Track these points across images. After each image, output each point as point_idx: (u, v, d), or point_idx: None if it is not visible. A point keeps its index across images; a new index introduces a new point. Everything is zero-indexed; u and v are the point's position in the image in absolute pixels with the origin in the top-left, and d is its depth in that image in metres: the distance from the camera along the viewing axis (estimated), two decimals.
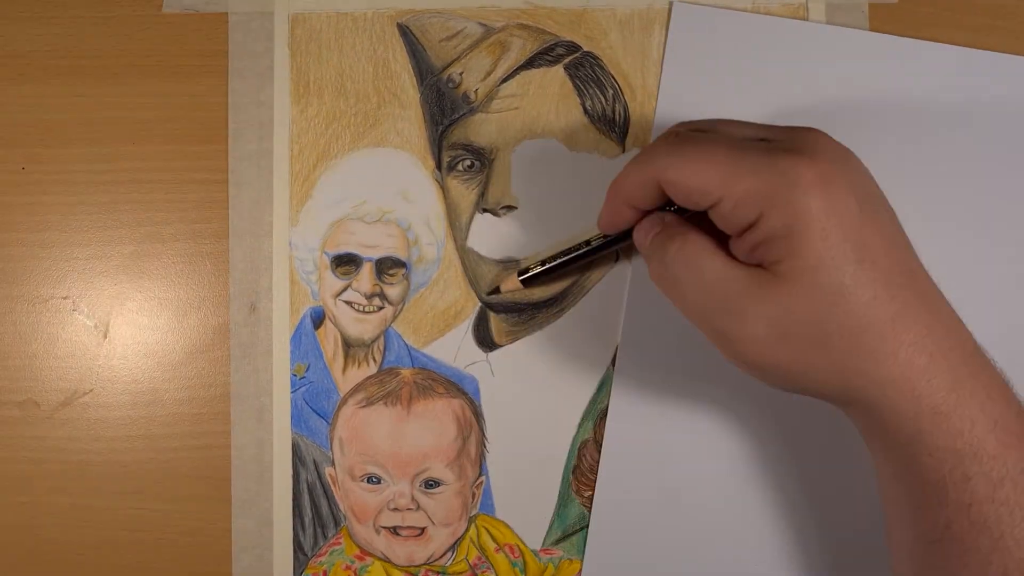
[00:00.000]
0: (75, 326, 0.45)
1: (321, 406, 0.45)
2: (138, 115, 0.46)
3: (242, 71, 0.45)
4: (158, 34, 0.46)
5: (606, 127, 0.45)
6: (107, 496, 0.45)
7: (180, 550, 0.45)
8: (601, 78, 0.45)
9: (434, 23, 0.45)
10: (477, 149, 0.45)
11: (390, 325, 0.45)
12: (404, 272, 0.45)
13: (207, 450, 0.45)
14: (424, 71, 0.45)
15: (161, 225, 0.45)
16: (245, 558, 0.44)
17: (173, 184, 0.45)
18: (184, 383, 0.45)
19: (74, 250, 0.45)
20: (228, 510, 0.45)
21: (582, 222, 0.45)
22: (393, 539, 0.44)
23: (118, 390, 0.45)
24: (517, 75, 0.45)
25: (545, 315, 0.45)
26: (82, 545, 0.45)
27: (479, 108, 0.45)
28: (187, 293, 0.45)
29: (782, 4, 0.45)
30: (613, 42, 0.45)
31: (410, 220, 0.45)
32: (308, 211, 0.45)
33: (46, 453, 0.45)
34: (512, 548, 0.45)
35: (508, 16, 0.45)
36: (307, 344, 0.45)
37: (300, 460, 0.45)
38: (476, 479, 0.45)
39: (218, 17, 0.46)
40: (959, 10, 0.45)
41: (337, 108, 0.45)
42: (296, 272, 0.45)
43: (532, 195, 0.45)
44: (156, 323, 0.45)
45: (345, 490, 0.45)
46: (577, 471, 0.44)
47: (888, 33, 0.45)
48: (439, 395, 0.45)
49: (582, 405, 0.44)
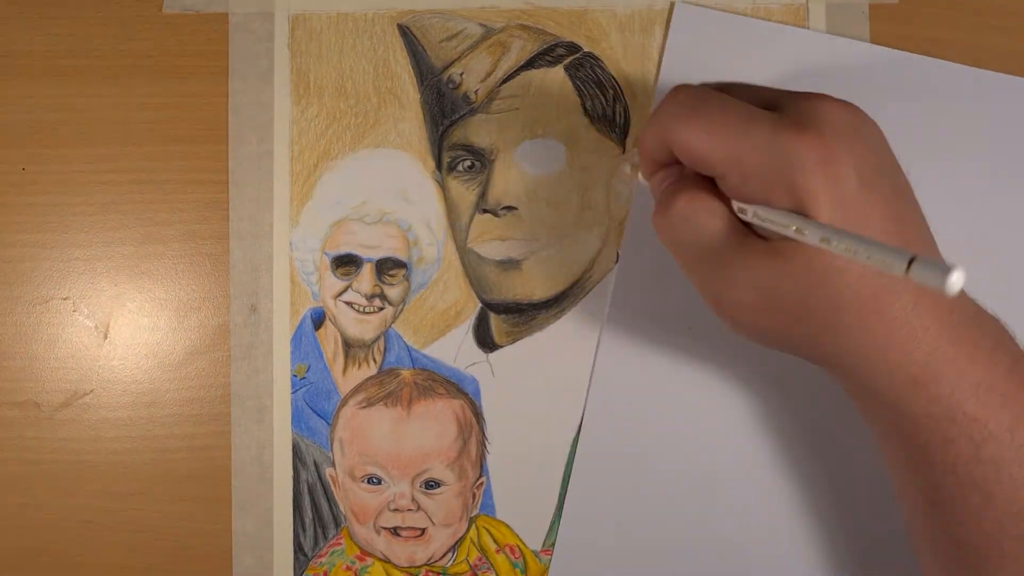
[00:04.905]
0: (75, 327, 0.45)
1: (321, 407, 0.45)
2: (138, 115, 0.46)
3: (242, 71, 0.45)
4: (158, 34, 0.46)
5: (606, 127, 0.45)
6: (107, 497, 0.45)
7: (180, 551, 0.45)
8: (601, 79, 0.45)
9: (434, 24, 0.45)
10: (477, 150, 0.45)
11: (390, 326, 0.45)
12: (404, 273, 0.45)
13: (207, 451, 0.45)
14: (424, 72, 0.45)
15: (161, 226, 0.45)
16: (245, 559, 0.44)
17: (173, 185, 0.45)
18: (184, 384, 0.45)
19: (74, 251, 0.45)
20: (228, 511, 0.45)
21: (582, 222, 0.45)
22: (393, 540, 0.44)
23: (118, 391, 0.45)
24: (517, 76, 0.45)
25: (546, 315, 0.45)
26: (82, 546, 0.45)
27: (479, 109, 0.45)
28: (187, 294, 0.45)
29: (782, 4, 0.45)
30: (613, 43, 0.45)
31: (410, 221, 0.45)
32: (308, 212, 0.45)
33: (46, 454, 0.45)
34: (513, 549, 0.45)
35: (508, 17, 0.45)
36: (307, 345, 0.45)
37: (300, 461, 0.45)
38: (476, 480, 0.45)
39: (218, 17, 0.46)
40: (959, 10, 0.45)
41: (337, 109, 0.45)
42: (296, 273, 0.45)
43: (532, 196, 0.45)
44: (156, 324, 0.45)
45: (345, 491, 0.45)
46: None
47: (890, 33, 0.45)
48: (439, 396, 0.45)
49: (583, 406, 0.44)
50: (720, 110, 0.33)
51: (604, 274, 0.45)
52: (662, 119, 0.34)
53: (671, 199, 0.34)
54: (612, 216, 0.45)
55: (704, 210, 0.33)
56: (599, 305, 0.45)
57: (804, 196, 0.30)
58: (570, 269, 0.45)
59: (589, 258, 0.45)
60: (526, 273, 0.45)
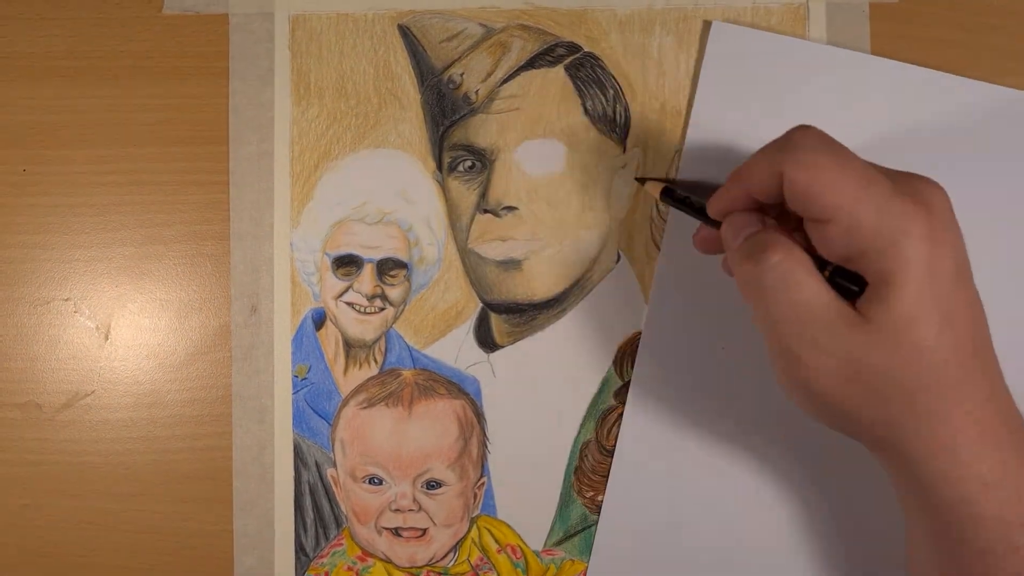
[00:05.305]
0: (76, 328, 0.45)
1: (322, 407, 0.45)
2: (139, 116, 0.46)
3: (243, 72, 0.45)
4: (158, 35, 0.46)
5: (607, 127, 0.45)
6: (108, 498, 0.45)
7: (182, 551, 0.45)
8: (602, 79, 0.45)
9: (435, 24, 0.45)
10: (478, 150, 0.45)
11: (391, 326, 0.45)
12: (405, 273, 0.45)
13: (209, 451, 0.45)
14: (425, 72, 0.45)
15: (162, 227, 0.45)
16: (247, 559, 0.44)
17: (174, 186, 0.45)
18: (185, 384, 0.45)
19: (75, 252, 0.45)
20: (230, 511, 0.45)
21: (583, 222, 0.45)
22: (395, 540, 0.44)
23: (119, 392, 0.45)
24: (518, 76, 0.45)
25: (546, 316, 0.45)
26: (83, 547, 0.45)
27: (480, 109, 0.45)
28: (188, 294, 0.45)
29: (782, 3, 0.45)
30: (613, 43, 0.45)
31: (411, 221, 0.45)
32: (309, 212, 0.45)
33: (48, 455, 0.45)
34: (514, 549, 0.45)
35: (509, 17, 0.45)
36: (308, 345, 0.45)
37: (302, 461, 0.45)
38: (478, 480, 0.45)
39: (218, 18, 0.46)
40: (959, 10, 0.45)
41: (338, 109, 0.45)
42: (297, 273, 0.45)
43: (533, 196, 0.45)
44: (157, 324, 0.45)
45: (347, 491, 0.45)
46: (579, 472, 0.44)
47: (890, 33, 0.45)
48: (440, 396, 0.45)
49: (584, 406, 0.45)
50: (846, 159, 0.32)
51: (604, 274, 0.45)
52: (786, 151, 0.33)
53: (763, 253, 0.33)
54: (612, 216, 0.45)
55: (800, 267, 0.33)
56: (600, 305, 0.45)
57: (904, 261, 0.30)
58: (571, 269, 0.45)
59: (590, 258, 0.45)
60: (527, 273, 0.45)
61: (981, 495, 0.31)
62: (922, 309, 0.31)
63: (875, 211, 0.31)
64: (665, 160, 0.45)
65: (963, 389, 0.31)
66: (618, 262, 0.45)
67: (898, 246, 0.31)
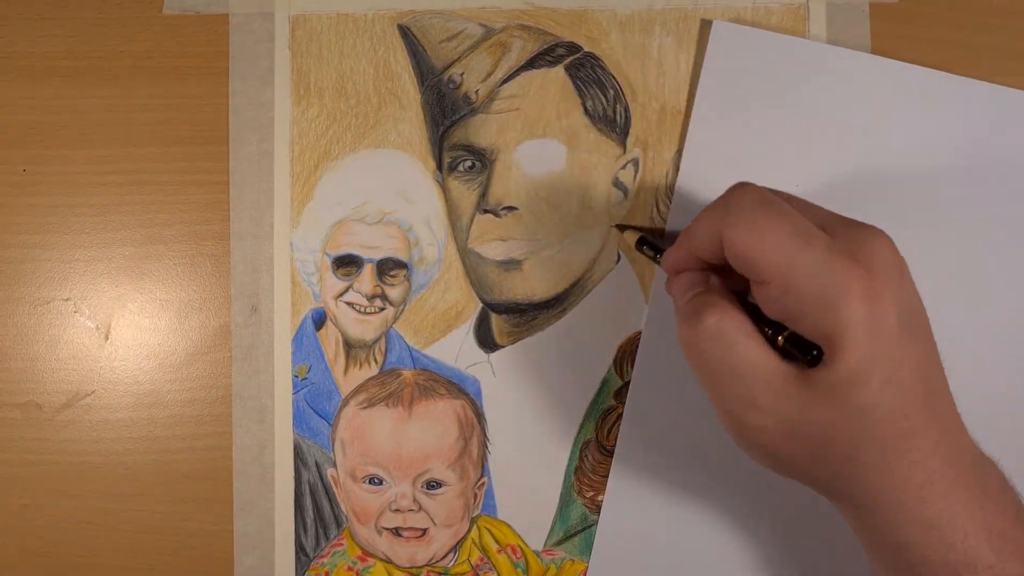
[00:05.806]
0: (76, 328, 0.45)
1: (322, 407, 0.45)
2: (139, 116, 0.46)
3: (243, 72, 0.45)
4: (158, 35, 0.46)
5: (607, 128, 0.45)
6: (109, 498, 0.45)
7: (182, 551, 0.45)
8: (602, 79, 0.45)
9: (435, 24, 0.45)
10: (478, 150, 0.45)
11: (391, 326, 0.45)
12: (405, 273, 0.45)
13: (209, 451, 0.45)
14: (425, 72, 0.45)
15: (162, 227, 0.45)
16: (247, 559, 0.44)
17: (174, 186, 0.45)
18: (185, 384, 0.45)
19: (75, 252, 0.45)
20: (230, 511, 0.45)
21: (583, 222, 0.45)
22: (395, 540, 0.45)
23: (120, 392, 0.45)
24: (518, 76, 0.45)
25: (546, 316, 0.45)
26: (83, 547, 0.45)
27: (480, 109, 0.45)
28: (188, 295, 0.45)
29: (782, 3, 0.45)
30: (613, 43, 0.45)
31: (411, 221, 0.45)
32: (309, 212, 0.45)
33: (48, 455, 0.45)
34: (514, 549, 0.45)
35: (509, 17, 0.45)
36: (308, 345, 0.45)
37: (302, 461, 0.45)
38: (478, 480, 0.45)
39: (219, 18, 0.46)
40: (959, 10, 0.45)
41: (338, 109, 0.45)
42: (297, 273, 0.45)
43: (533, 196, 0.45)
44: (157, 325, 0.45)
45: (347, 491, 0.45)
46: (579, 472, 0.44)
47: (890, 33, 0.45)
48: (440, 396, 0.45)
49: (584, 406, 0.45)
50: (781, 219, 0.32)
51: (604, 274, 0.45)
52: (723, 213, 0.33)
53: (701, 313, 0.34)
54: (612, 216, 0.45)
55: (736, 329, 0.33)
56: (600, 305, 0.45)
57: (843, 324, 0.30)
58: (571, 269, 0.45)
59: (590, 258, 0.45)
60: (527, 273, 0.45)
61: (925, 538, 0.31)
62: (862, 369, 0.30)
63: (811, 274, 0.31)
64: (665, 160, 0.45)
65: (909, 441, 0.31)
66: (618, 262, 0.45)
67: (836, 309, 0.30)
